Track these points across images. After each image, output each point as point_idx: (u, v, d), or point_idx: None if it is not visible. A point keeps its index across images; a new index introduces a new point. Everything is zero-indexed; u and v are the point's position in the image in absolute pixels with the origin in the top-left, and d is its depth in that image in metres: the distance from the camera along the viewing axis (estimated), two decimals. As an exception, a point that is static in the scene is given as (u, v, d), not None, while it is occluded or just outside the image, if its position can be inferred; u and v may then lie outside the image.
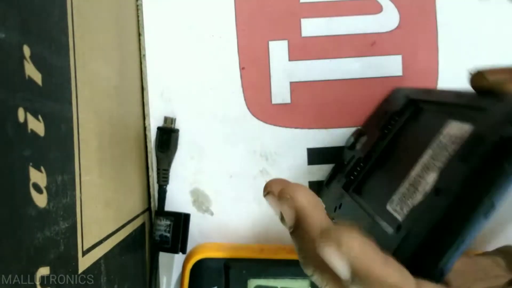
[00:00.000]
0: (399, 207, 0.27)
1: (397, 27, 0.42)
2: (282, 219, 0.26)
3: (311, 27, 0.43)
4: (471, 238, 0.21)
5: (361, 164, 0.36)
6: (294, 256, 0.40)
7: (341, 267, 0.20)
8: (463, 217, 0.21)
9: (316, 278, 0.23)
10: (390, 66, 0.42)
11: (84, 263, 0.27)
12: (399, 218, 0.26)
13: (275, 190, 0.25)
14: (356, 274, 0.20)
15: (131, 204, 0.38)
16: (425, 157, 0.28)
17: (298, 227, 0.23)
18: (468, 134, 0.24)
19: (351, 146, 0.40)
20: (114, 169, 0.34)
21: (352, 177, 0.36)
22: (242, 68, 0.43)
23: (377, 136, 0.36)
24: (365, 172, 0.35)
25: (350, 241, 0.20)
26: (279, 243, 0.43)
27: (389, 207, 0.28)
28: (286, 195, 0.24)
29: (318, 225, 0.23)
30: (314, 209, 0.23)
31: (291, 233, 0.24)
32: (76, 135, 0.27)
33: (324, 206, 0.24)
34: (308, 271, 0.23)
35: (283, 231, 0.44)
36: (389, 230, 0.26)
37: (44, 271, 0.22)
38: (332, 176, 0.41)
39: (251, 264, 0.40)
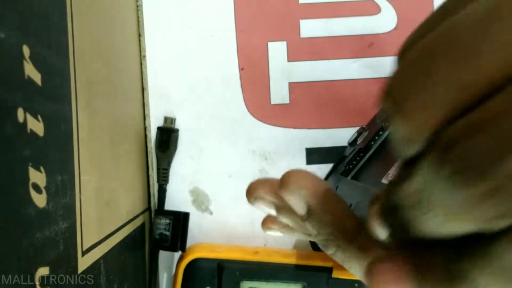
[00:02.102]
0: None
1: (395, 28, 0.42)
2: (279, 213, 0.26)
3: (310, 28, 0.43)
4: None
5: (361, 154, 0.36)
6: (287, 260, 0.40)
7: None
8: None
9: (339, 255, 0.23)
10: (387, 67, 0.42)
11: (84, 263, 0.27)
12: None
13: (263, 194, 0.26)
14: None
15: (131, 204, 0.38)
16: None
17: (311, 214, 0.23)
18: None
19: (352, 142, 0.40)
20: (114, 169, 0.34)
21: (350, 166, 0.36)
22: (241, 69, 0.43)
23: (378, 128, 0.36)
24: (364, 162, 0.35)
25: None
26: (278, 242, 0.44)
27: (384, 180, 0.28)
28: (290, 186, 0.22)
29: (333, 208, 0.22)
30: (324, 193, 0.23)
31: (305, 220, 0.23)
32: (76, 135, 0.27)
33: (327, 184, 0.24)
34: (330, 251, 0.23)
35: (282, 231, 0.44)
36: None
37: (43, 271, 0.22)
38: (332, 171, 0.41)
39: (244, 266, 0.40)
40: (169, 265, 0.44)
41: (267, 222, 0.27)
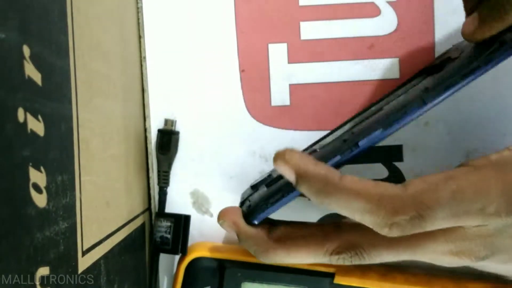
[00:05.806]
0: None
1: (395, 31, 0.42)
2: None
3: (310, 30, 0.43)
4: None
5: None
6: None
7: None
8: None
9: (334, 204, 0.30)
10: (387, 69, 0.42)
11: (84, 263, 0.27)
12: None
13: (228, 219, 0.35)
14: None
15: (131, 204, 0.38)
16: None
17: (300, 180, 0.30)
18: None
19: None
20: (114, 170, 0.34)
21: None
22: (242, 71, 0.43)
23: None
24: None
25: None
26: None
27: None
28: (281, 159, 0.31)
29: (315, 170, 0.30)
30: (307, 161, 0.31)
31: (297, 186, 0.31)
32: (76, 135, 0.27)
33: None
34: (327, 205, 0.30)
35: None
36: None
37: (43, 271, 0.22)
38: None
39: (246, 267, 0.40)
40: (169, 267, 0.44)
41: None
